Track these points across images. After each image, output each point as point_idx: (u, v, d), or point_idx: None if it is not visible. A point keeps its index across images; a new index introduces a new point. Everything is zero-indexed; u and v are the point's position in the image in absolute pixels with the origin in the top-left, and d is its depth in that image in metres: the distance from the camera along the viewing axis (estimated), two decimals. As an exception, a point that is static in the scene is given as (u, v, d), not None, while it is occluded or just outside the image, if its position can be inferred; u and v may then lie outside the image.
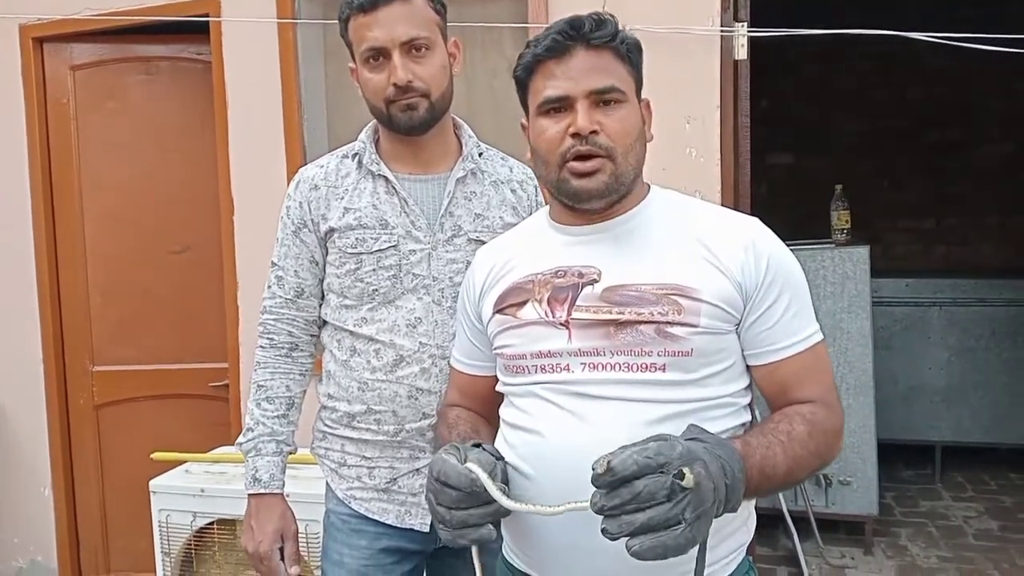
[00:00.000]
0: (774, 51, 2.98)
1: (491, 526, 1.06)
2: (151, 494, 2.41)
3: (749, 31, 2.53)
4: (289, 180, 2.72)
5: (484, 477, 1.03)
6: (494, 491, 1.03)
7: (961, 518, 3.89)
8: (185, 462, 2.57)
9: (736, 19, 2.52)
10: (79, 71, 3.13)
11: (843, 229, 3.59)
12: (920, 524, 3.83)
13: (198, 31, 2.97)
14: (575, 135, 1.14)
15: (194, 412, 3.14)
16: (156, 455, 2.60)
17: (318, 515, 1.72)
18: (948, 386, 4.28)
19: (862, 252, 3.46)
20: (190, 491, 2.37)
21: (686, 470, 0.91)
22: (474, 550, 1.14)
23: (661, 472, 0.91)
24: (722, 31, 2.50)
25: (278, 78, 2.86)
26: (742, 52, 2.53)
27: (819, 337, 1.19)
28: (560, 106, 1.16)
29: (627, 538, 0.92)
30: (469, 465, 1.05)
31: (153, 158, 3.13)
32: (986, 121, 5.08)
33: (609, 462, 0.91)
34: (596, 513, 0.94)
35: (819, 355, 1.18)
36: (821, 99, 5.28)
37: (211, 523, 2.35)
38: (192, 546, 2.38)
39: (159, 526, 2.39)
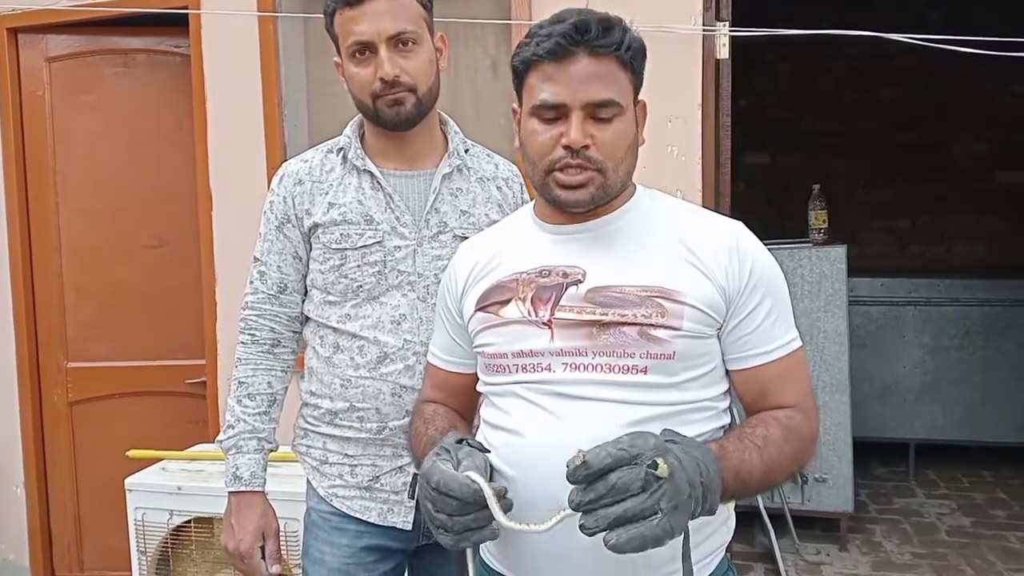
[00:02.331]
0: (751, 52, 3.00)
1: (492, 525, 1.04)
2: (127, 492, 2.38)
3: (731, 31, 2.53)
4: (269, 175, 2.74)
5: (487, 489, 1.01)
6: (495, 508, 1.01)
7: (934, 515, 3.94)
8: (161, 460, 2.55)
9: (718, 18, 2.53)
10: (55, 63, 3.08)
11: (820, 229, 3.62)
12: (894, 521, 3.87)
13: (177, 23, 2.92)
14: (566, 147, 1.12)
15: (171, 409, 3.10)
16: (132, 453, 2.57)
17: (298, 513, 1.71)
18: (922, 384, 4.34)
19: (839, 252, 3.49)
20: (166, 489, 2.35)
21: (659, 460, 0.91)
22: (468, 551, 1.13)
23: (635, 463, 0.92)
24: (704, 30, 2.51)
25: (258, 72, 2.82)
26: (724, 51, 2.53)
27: (798, 343, 1.19)
28: (555, 113, 1.13)
29: (604, 533, 0.92)
30: (470, 474, 1.03)
31: (130, 152, 3.09)
32: (959, 121, 5.14)
33: (583, 455, 0.92)
34: (575, 511, 0.94)
35: (798, 361, 1.19)
36: (797, 99, 5.32)
37: (188, 521, 2.33)
38: (168, 545, 2.36)
39: (135, 524, 2.37)
